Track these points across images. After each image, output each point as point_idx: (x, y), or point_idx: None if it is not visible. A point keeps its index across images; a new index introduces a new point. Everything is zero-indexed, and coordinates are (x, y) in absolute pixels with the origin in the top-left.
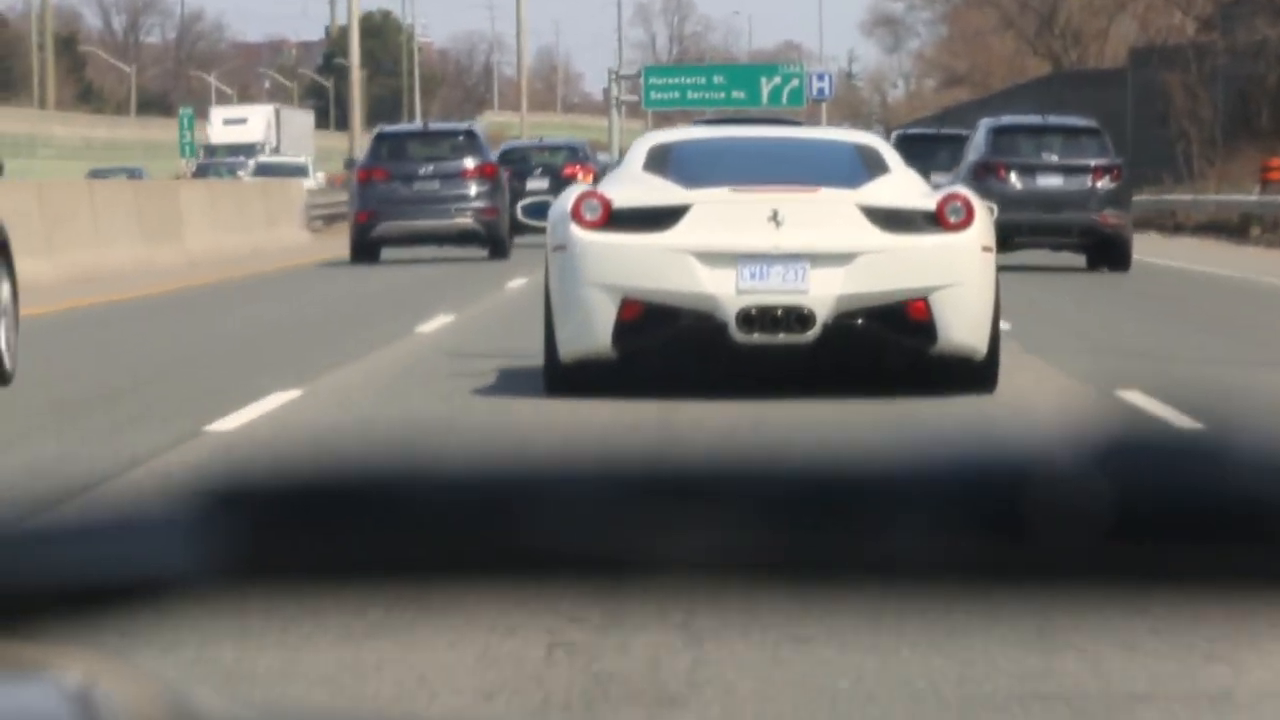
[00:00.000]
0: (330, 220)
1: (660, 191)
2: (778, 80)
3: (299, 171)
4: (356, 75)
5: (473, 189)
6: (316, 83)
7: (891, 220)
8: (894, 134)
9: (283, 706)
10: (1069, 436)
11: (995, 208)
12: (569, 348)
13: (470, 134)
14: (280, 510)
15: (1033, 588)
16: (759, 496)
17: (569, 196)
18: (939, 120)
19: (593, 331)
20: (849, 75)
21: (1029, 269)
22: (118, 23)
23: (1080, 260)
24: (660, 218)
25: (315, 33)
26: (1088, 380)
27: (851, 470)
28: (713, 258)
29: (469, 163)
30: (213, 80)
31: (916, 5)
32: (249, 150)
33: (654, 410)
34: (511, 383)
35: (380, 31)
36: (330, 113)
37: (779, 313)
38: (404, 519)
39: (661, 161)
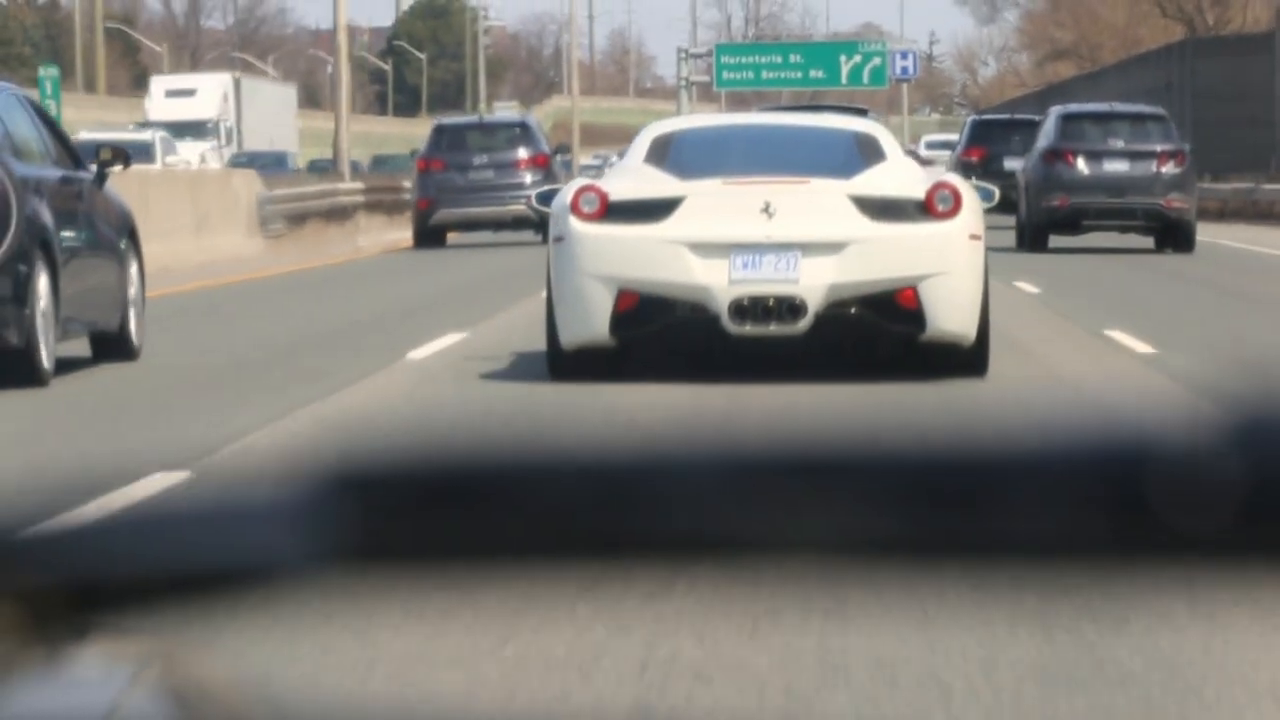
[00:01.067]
0: (300, 220)
1: (656, 183)
2: (858, 59)
3: (279, 163)
4: (344, 63)
5: (527, 178)
6: (379, 68)
7: (881, 210)
8: (968, 119)
9: (362, 699)
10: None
11: (996, 192)
12: (569, 336)
13: (524, 126)
14: (393, 494)
15: (1163, 568)
16: (876, 480)
17: (570, 189)
18: (1041, 99)
19: (591, 321)
20: (929, 58)
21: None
22: (178, 6)
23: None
24: (655, 210)
25: (386, 17)
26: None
27: (971, 451)
28: (706, 248)
29: (523, 153)
30: (268, 68)
31: None
32: (198, 129)
33: (721, 395)
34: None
35: (444, 12)
36: (389, 98)
37: (771, 302)
38: (515, 504)
39: (662, 152)
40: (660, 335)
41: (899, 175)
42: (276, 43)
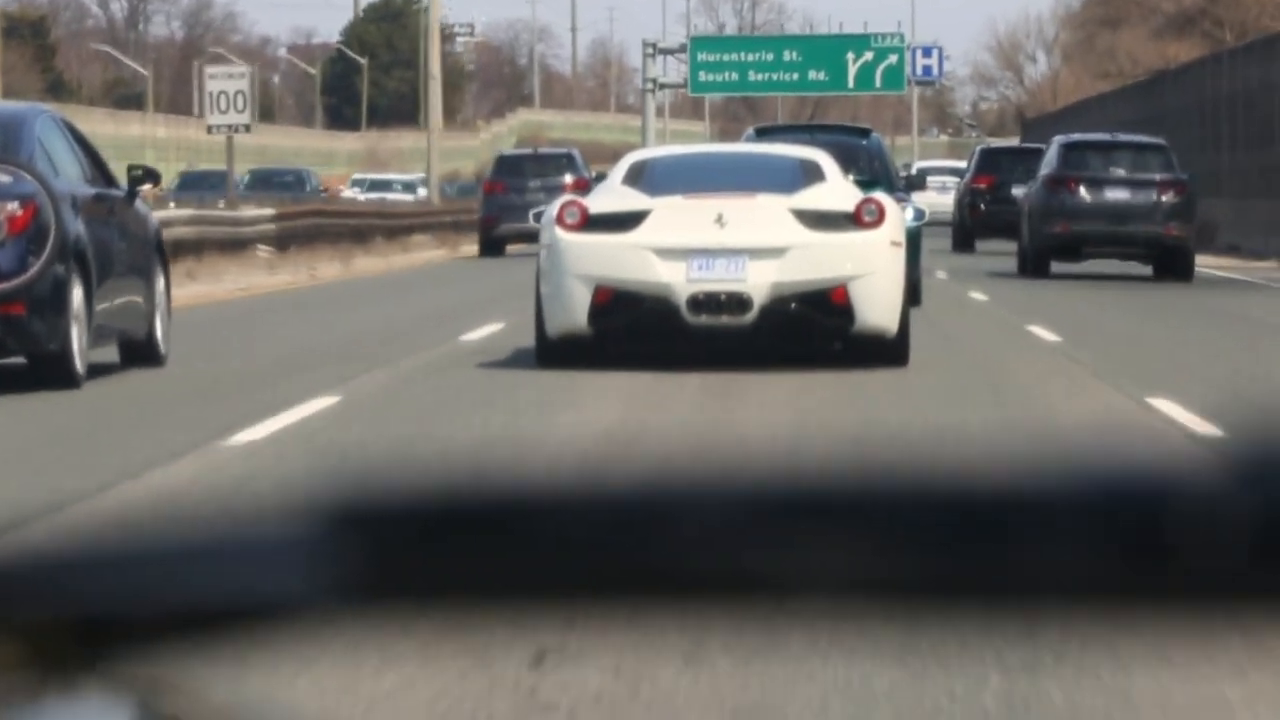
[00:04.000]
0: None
1: (628, 199)
2: (869, 56)
3: (299, 182)
4: (436, 71)
5: None
6: (332, 76)
7: (817, 220)
8: (976, 148)
9: None
10: (1212, 454)
11: (927, 212)
12: (554, 326)
13: (570, 156)
14: (394, 530)
15: (1175, 609)
16: (888, 516)
17: (556, 204)
18: (1146, 97)
19: (572, 313)
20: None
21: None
22: (118, 9)
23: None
24: (627, 220)
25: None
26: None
27: (984, 487)
28: (668, 253)
29: (568, 178)
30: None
31: None
32: None
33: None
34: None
35: (400, 15)
36: (344, 110)
37: (723, 298)
38: (520, 539)
39: (637, 175)
40: (630, 325)
41: (834, 192)
42: (226, 50)
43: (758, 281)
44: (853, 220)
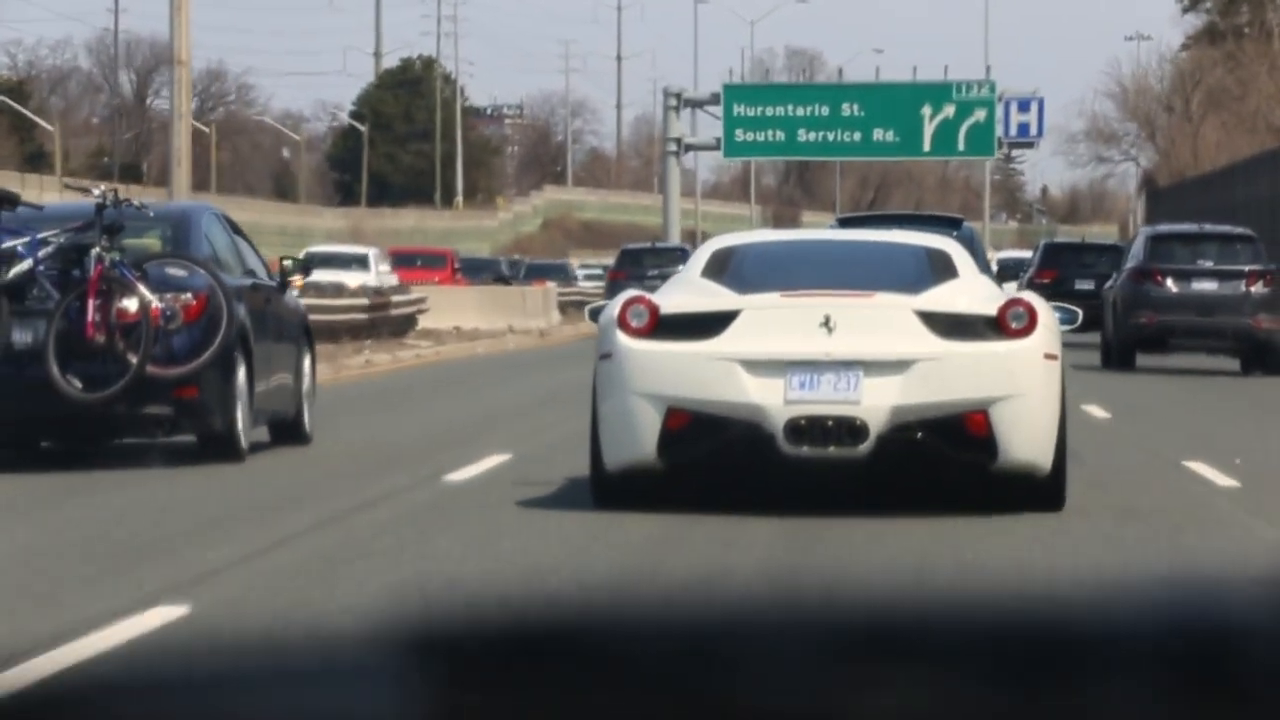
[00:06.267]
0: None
1: (710, 297)
2: (950, 111)
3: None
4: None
5: None
6: (337, 152)
7: (951, 327)
8: (1040, 243)
9: None
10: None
11: (1080, 314)
12: (615, 458)
13: (684, 250)
14: (469, 664)
15: None
16: (954, 651)
17: (617, 303)
18: None
19: (638, 441)
20: (1007, 158)
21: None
22: (127, 80)
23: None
24: (708, 324)
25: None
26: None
27: (1041, 622)
28: (761, 365)
29: (682, 268)
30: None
31: None
32: None
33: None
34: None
35: (420, 83)
36: (355, 186)
37: (830, 423)
38: (592, 673)
39: (721, 266)
40: (711, 457)
41: (971, 291)
42: (238, 126)
43: (875, 403)
44: (996, 327)
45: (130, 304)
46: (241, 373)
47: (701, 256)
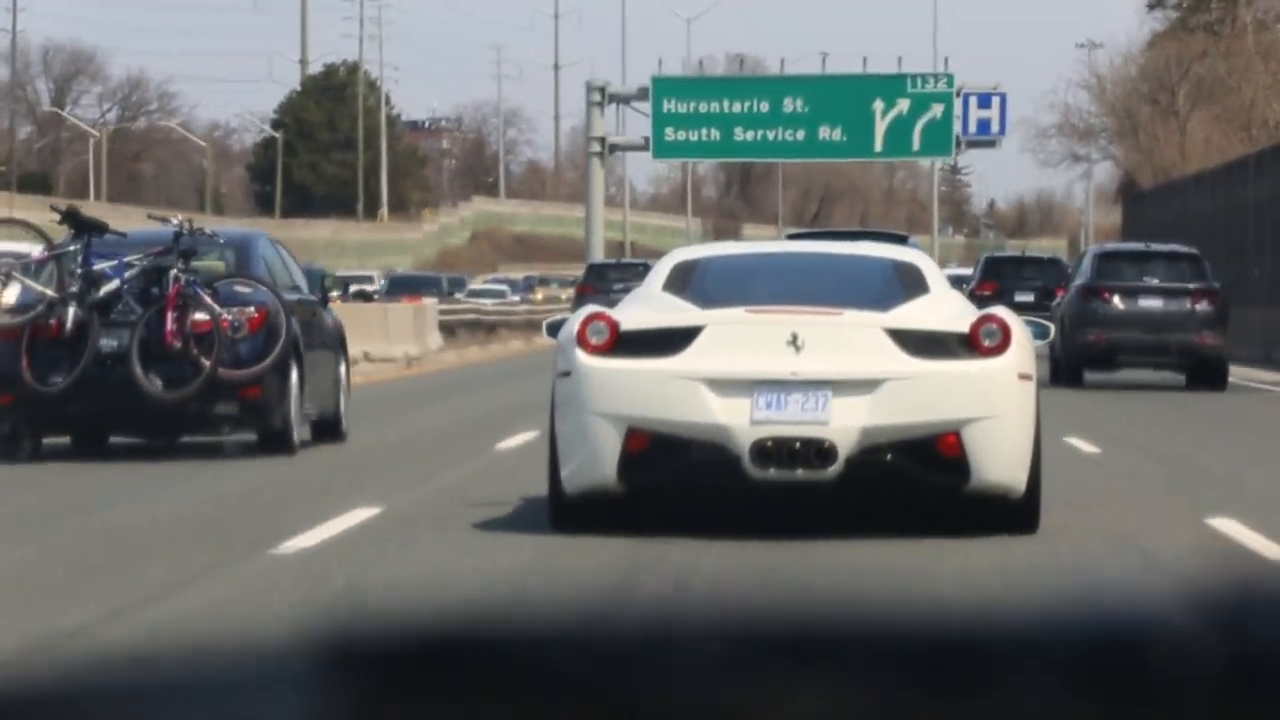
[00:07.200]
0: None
1: (673, 313)
2: (903, 107)
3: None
4: None
5: None
6: (259, 162)
7: (921, 345)
8: (982, 256)
9: None
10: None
11: (1052, 328)
12: (574, 481)
13: (646, 266)
14: (388, 667)
15: None
16: (872, 654)
17: (576, 319)
18: None
19: (598, 464)
20: (954, 169)
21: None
22: (45, 87)
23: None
24: (670, 341)
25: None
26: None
27: (969, 627)
28: (726, 385)
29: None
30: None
31: None
32: None
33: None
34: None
35: (345, 88)
36: (275, 198)
37: (797, 445)
38: (514, 677)
39: (683, 280)
40: (674, 480)
41: (942, 308)
42: (161, 137)
43: (844, 424)
44: (968, 345)
45: (203, 316)
46: (295, 376)
47: (662, 270)
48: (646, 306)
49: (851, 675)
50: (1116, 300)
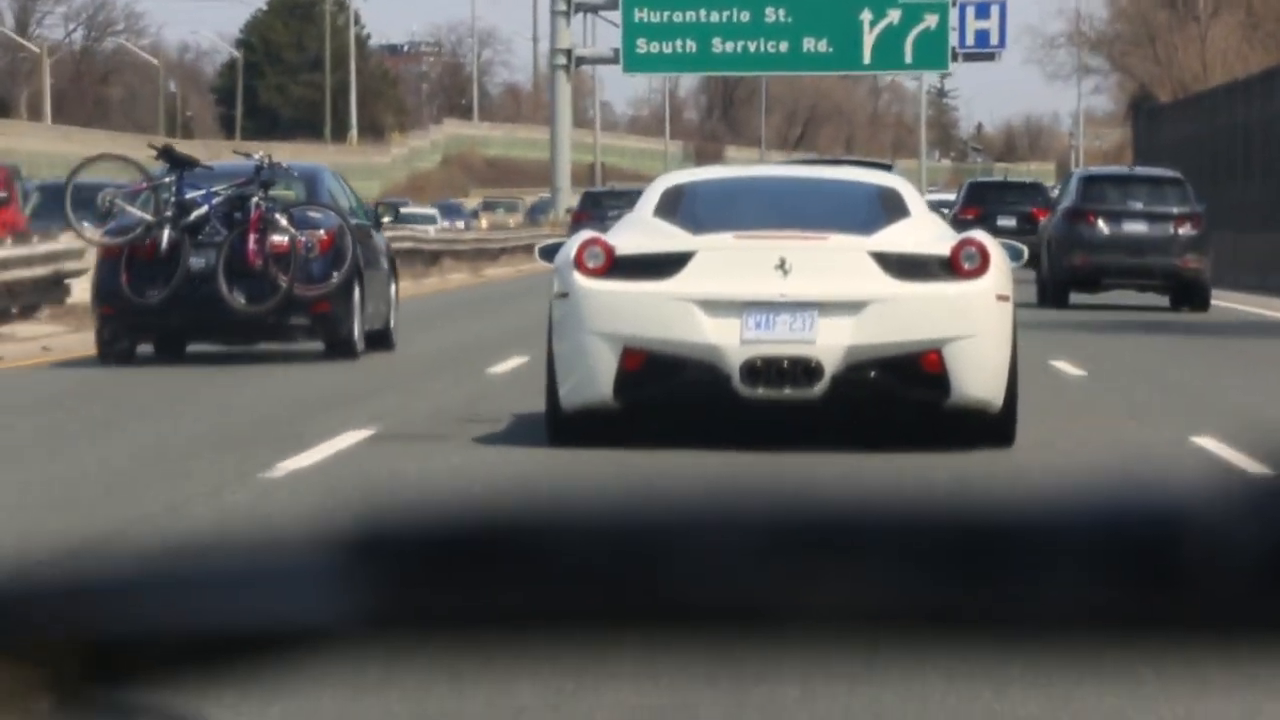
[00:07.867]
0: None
1: (665, 237)
2: (894, 17)
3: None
4: None
5: None
6: (226, 86)
7: (904, 267)
8: (965, 182)
9: None
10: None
11: (1026, 251)
12: (571, 398)
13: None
14: (411, 558)
15: (1175, 637)
16: (893, 547)
17: (573, 243)
18: None
19: (594, 381)
20: (940, 92)
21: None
22: (7, 5)
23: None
24: (664, 265)
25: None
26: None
27: (988, 519)
28: (716, 306)
29: None
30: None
31: None
32: None
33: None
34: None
35: (313, 7)
36: (237, 121)
37: (785, 364)
38: (533, 567)
39: (674, 205)
40: (667, 397)
41: (923, 232)
42: (129, 59)
43: (830, 343)
44: (949, 267)
45: (280, 239)
46: (358, 293)
47: (653, 195)
48: (640, 231)
49: (872, 562)
50: (1101, 224)
